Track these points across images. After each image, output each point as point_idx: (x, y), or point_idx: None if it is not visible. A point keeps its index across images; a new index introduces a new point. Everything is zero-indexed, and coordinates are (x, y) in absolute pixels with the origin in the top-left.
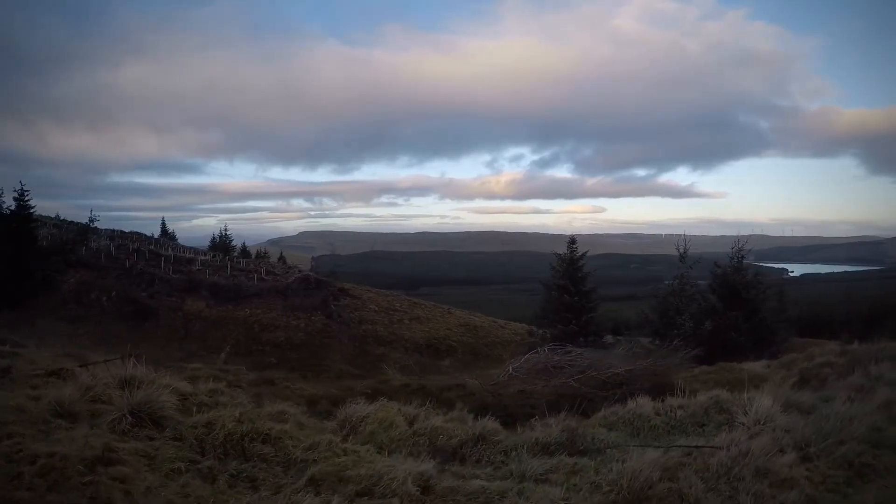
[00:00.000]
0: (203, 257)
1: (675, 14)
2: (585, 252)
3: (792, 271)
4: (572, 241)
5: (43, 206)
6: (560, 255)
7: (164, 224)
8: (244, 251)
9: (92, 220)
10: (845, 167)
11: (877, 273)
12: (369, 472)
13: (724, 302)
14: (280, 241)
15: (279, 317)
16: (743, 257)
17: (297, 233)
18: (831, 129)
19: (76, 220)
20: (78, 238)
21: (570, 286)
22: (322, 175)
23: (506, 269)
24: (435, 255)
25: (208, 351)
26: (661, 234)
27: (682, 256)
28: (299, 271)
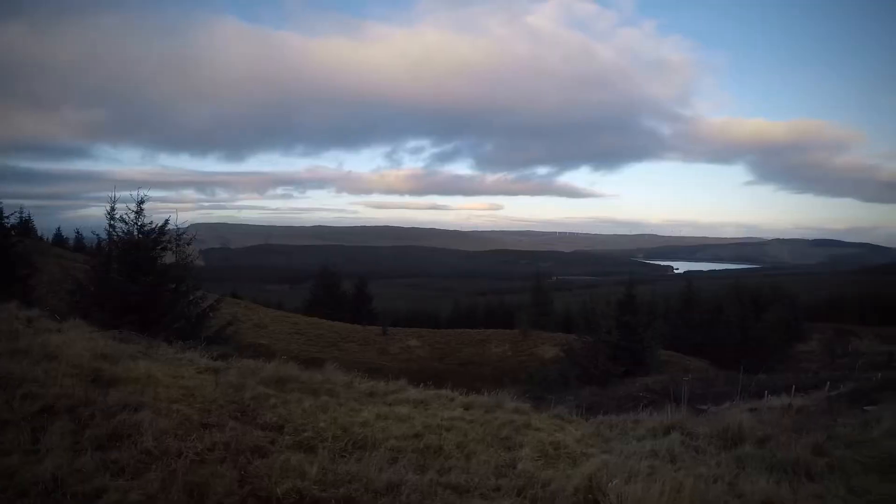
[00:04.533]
0: None
1: (593, 17)
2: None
3: (677, 268)
4: (141, 201)
5: None
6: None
7: None
8: (58, 235)
9: None
10: (738, 173)
11: (747, 272)
12: None
13: (127, 276)
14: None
15: None
16: (141, 211)
17: (188, 225)
18: (729, 137)
19: None
20: None
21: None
22: (214, 163)
23: (399, 265)
24: (330, 250)
25: None
26: (555, 232)
27: (110, 214)
28: None
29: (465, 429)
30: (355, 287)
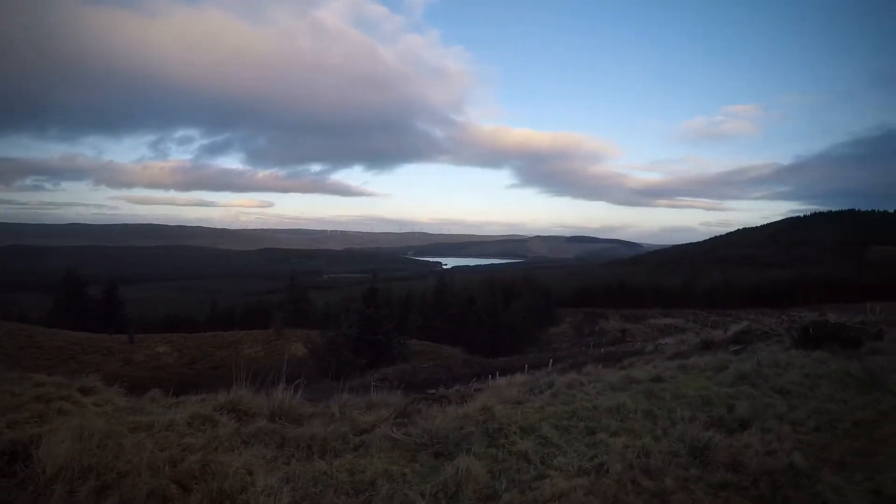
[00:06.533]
0: None
1: (382, 19)
2: None
3: (446, 264)
4: None
5: None
6: None
7: None
8: None
9: None
10: (504, 177)
11: (509, 266)
12: None
13: None
14: None
15: None
16: None
17: None
18: (498, 144)
19: None
20: None
21: None
22: None
23: (164, 266)
24: (87, 251)
25: None
26: (326, 231)
27: None
28: None
29: None
30: (104, 293)
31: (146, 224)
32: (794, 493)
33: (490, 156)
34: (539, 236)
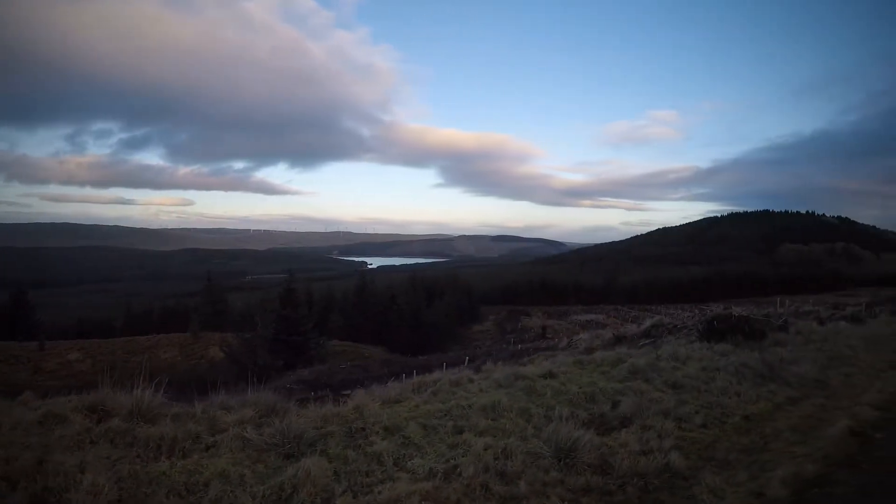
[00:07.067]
0: None
1: (311, 14)
2: None
3: (371, 264)
4: None
5: None
6: None
7: None
8: None
9: None
10: (429, 176)
11: (435, 265)
12: None
13: None
14: None
15: None
16: None
17: None
18: (424, 143)
19: None
20: None
21: None
22: None
23: (80, 268)
24: None
25: None
26: (249, 230)
27: None
28: None
29: None
30: (13, 297)
31: (61, 223)
32: (667, 497)
33: (416, 155)
34: (464, 235)
